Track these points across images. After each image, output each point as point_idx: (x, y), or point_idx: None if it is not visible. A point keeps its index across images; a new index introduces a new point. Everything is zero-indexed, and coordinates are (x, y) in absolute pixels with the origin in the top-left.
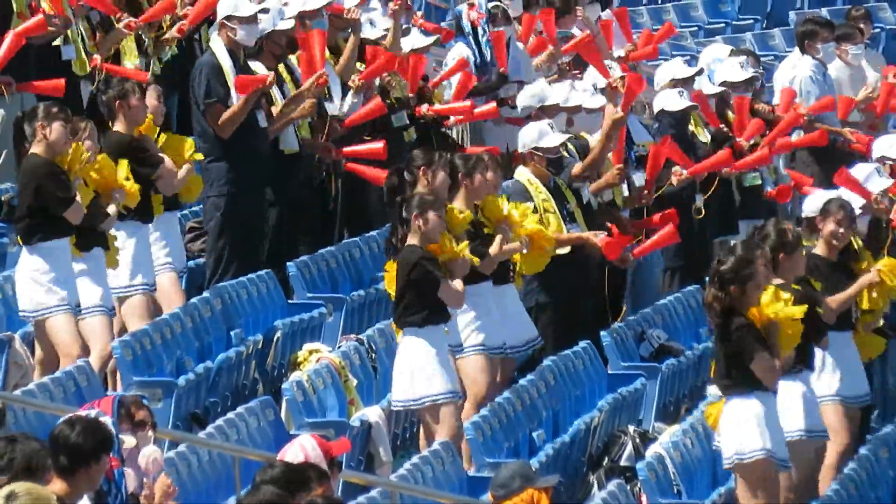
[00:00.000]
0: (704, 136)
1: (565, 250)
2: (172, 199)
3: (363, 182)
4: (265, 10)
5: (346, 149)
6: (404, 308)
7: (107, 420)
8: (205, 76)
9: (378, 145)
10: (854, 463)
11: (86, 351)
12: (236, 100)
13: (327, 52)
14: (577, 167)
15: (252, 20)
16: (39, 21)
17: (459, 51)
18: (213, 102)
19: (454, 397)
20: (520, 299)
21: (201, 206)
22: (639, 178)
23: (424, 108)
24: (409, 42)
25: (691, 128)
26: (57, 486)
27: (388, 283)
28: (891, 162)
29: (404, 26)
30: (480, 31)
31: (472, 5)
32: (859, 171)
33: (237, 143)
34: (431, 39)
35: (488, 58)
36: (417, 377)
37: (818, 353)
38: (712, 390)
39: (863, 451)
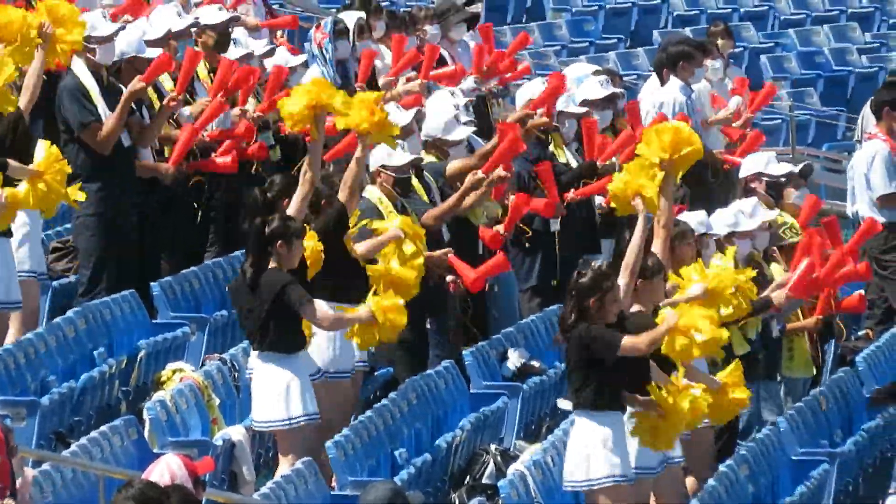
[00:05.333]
0: (564, 157)
1: None
2: None
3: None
4: (122, 28)
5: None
6: (264, 332)
7: None
8: (73, 99)
9: (227, 160)
10: (714, 480)
11: None
12: (105, 117)
13: (205, 73)
14: (428, 214)
15: (110, 39)
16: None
17: (314, 73)
18: (91, 122)
19: (310, 420)
20: None
21: (67, 225)
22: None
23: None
24: (283, 61)
25: (552, 148)
26: None
27: None
28: (766, 178)
29: (269, 47)
30: (324, 51)
31: (318, 26)
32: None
33: (106, 164)
34: (300, 60)
35: (336, 79)
36: (276, 399)
37: None
38: (563, 404)
39: (723, 467)
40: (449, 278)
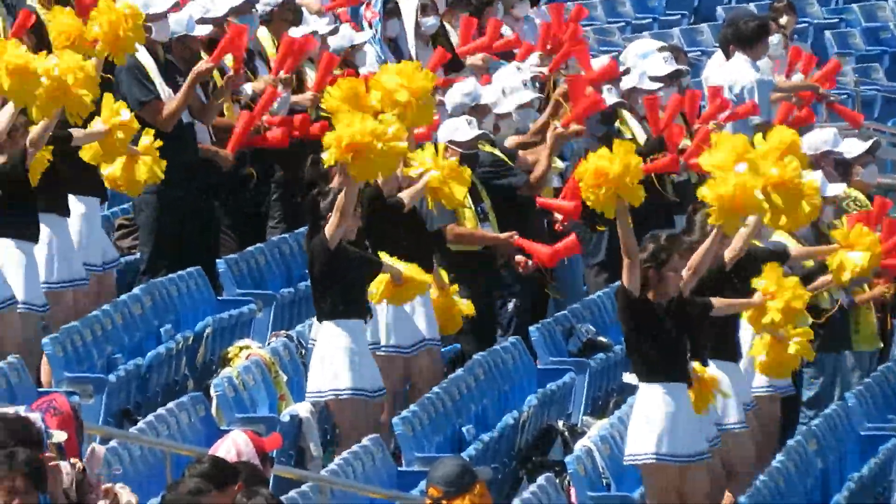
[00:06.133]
0: (631, 133)
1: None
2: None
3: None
4: (176, 7)
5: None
6: (320, 300)
7: (35, 416)
8: (132, 77)
9: (276, 133)
10: (783, 454)
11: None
12: (164, 94)
13: (273, 50)
14: (531, 178)
15: (164, 16)
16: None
17: (370, 53)
18: (151, 100)
19: (356, 394)
20: None
21: (130, 202)
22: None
23: None
24: (346, 38)
25: (618, 124)
26: None
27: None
28: (835, 157)
29: (333, 26)
30: (373, 31)
31: (367, 5)
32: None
33: (166, 141)
34: (364, 38)
35: (387, 57)
36: (328, 369)
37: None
38: (628, 378)
39: (791, 442)
40: (518, 258)
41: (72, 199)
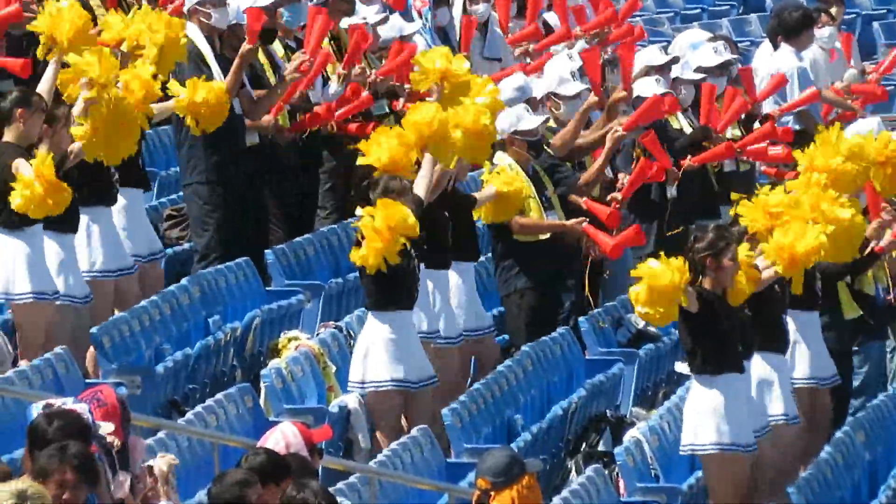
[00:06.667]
0: (678, 123)
1: (544, 236)
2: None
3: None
4: None
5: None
6: (368, 291)
7: (82, 408)
8: (190, 63)
9: (321, 108)
10: (830, 446)
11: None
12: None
13: (325, 41)
14: (582, 179)
15: (223, 3)
16: (16, 10)
17: (420, 42)
18: None
19: (396, 385)
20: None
21: (178, 193)
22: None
23: (400, 102)
24: (396, 28)
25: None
26: None
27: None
28: None
29: (382, 15)
30: (423, 19)
31: None
32: None
33: (217, 130)
34: (415, 27)
35: (437, 44)
36: (369, 360)
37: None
38: (680, 368)
39: (839, 434)
40: (586, 244)
41: None
